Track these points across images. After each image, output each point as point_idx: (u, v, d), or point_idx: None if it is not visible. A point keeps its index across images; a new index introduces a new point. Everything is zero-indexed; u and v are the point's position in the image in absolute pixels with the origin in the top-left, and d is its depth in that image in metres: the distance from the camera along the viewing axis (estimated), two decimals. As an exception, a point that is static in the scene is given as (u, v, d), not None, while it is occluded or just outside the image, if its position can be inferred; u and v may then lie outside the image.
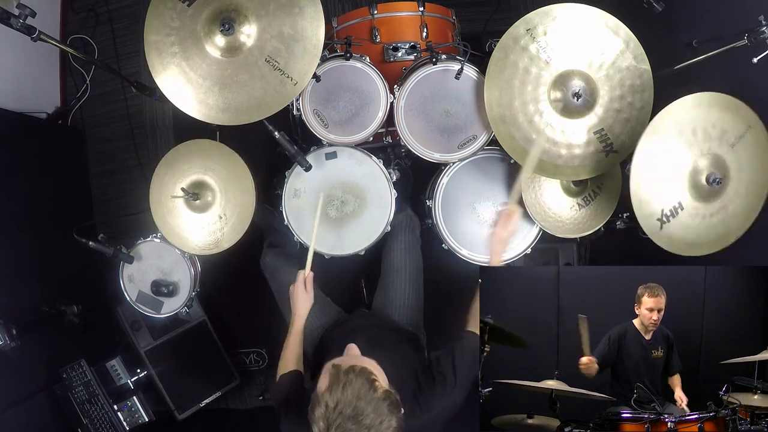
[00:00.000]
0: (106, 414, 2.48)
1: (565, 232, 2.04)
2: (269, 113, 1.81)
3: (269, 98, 1.80)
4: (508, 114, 1.82)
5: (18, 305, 2.43)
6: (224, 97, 1.81)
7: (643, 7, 1.83)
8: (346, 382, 1.17)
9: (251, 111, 1.80)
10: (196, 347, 2.81)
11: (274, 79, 1.78)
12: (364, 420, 1.14)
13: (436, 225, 2.12)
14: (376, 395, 1.17)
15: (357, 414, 1.14)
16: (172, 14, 1.79)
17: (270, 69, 1.78)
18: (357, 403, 1.15)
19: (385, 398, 1.18)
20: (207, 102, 1.82)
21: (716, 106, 1.66)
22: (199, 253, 2.07)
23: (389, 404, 1.18)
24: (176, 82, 1.82)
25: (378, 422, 1.15)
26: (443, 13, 2.29)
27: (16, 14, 1.67)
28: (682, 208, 1.71)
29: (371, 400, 1.16)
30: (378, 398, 1.17)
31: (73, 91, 3.23)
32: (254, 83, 1.79)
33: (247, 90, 1.80)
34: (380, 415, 1.15)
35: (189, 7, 1.78)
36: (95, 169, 3.26)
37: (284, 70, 1.78)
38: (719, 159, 1.70)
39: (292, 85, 1.78)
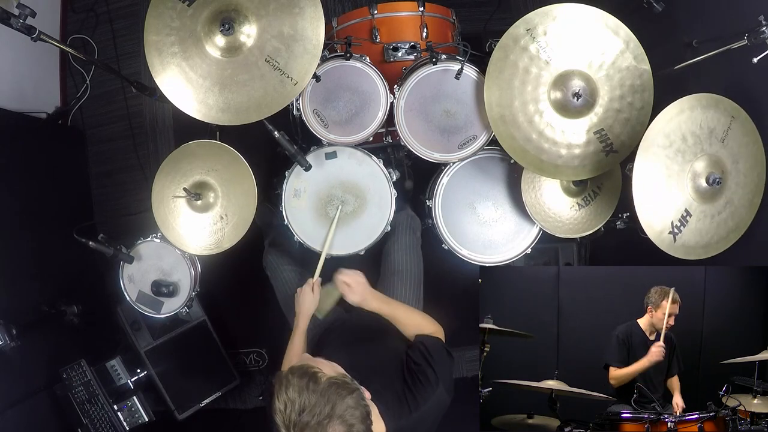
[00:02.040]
0: (106, 414, 2.48)
1: (565, 232, 2.04)
2: (269, 113, 1.81)
3: (269, 98, 1.80)
4: (508, 114, 1.82)
5: (18, 305, 2.43)
6: (224, 97, 1.81)
7: (643, 7, 1.83)
8: (286, 383, 1.18)
9: (251, 111, 1.80)
10: (196, 347, 2.81)
11: (274, 79, 1.78)
12: (314, 409, 1.14)
13: (436, 225, 2.12)
14: (319, 385, 1.17)
15: (304, 407, 1.14)
16: (172, 14, 1.79)
17: (270, 69, 1.78)
18: (300, 398, 1.15)
19: (329, 385, 1.18)
20: (207, 102, 1.82)
21: (697, 107, 1.67)
22: (199, 253, 2.07)
23: (336, 388, 1.18)
24: (176, 82, 1.82)
25: (329, 408, 1.15)
26: (443, 13, 2.29)
27: (16, 14, 1.67)
28: (691, 215, 1.71)
29: (314, 390, 1.16)
30: (323, 386, 1.17)
31: (73, 91, 3.22)
32: (254, 83, 1.79)
33: (247, 90, 1.80)
34: (329, 400, 1.15)
35: (189, 6, 1.78)
36: (95, 169, 3.25)
37: (284, 70, 1.78)
38: (714, 157, 1.70)
39: (292, 85, 1.79)
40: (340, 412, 1.16)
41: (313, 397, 1.15)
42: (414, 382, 1.46)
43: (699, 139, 1.68)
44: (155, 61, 1.80)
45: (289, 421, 1.14)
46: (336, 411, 1.15)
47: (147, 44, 1.80)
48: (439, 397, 1.46)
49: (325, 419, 1.14)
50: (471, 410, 1.62)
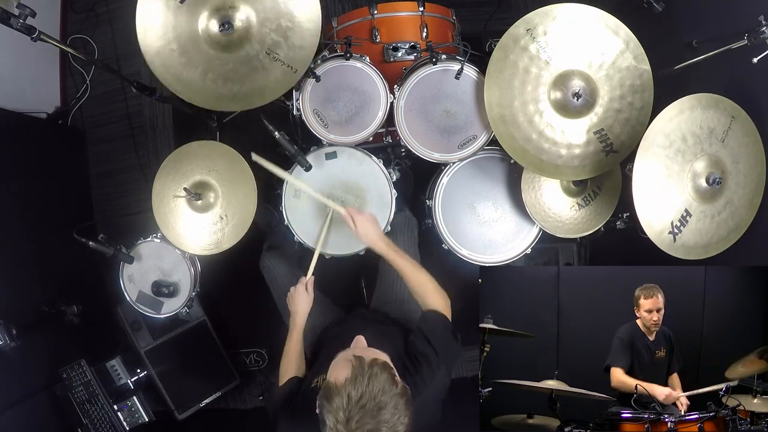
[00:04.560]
0: (106, 414, 2.48)
1: (565, 232, 2.04)
2: (277, 95, 1.81)
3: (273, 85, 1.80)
4: (508, 114, 1.82)
5: (18, 305, 2.43)
6: (228, 88, 1.81)
7: (643, 7, 1.83)
8: (371, 374, 1.15)
9: (254, 96, 1.81)
10: (196, 347, 2.81)
11: (277, 70, 1.79)
12: (384, 415, 1.12)
13: (436, 225, 2.12)
14: (396, 390, 1.16)
15: (380, 408, 1.12)
16: (167, 14, 1.79)
17: (270, 60, 1.78)
18: (381, 398, 1.13)
19: (402, 394, 1.17)
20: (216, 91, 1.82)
21: (697, 107, 1.67)
22: (199, 253, 2.07)
23: (405, 401, 1.17)
24: (179, 79, 1.82)
25: (396, 418, 1.13)
26: (443, 13, 2.29)
27: (16, 14, 1.67)
28: (691, 215, 1.71)
29: (393, 395, 1.14)
30: (398, 394, 1.15)
31: (73, 91, 3.22)
32: (256, 74, 1.80)
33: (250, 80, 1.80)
34: (398, 411, 1.14)
35: (182, 4, 1.78)
36: (95, 169, 3.25)
37: (285, 61, 1.78)
38: (714, 157, 1.70)
39: (292, 73, 1.79)
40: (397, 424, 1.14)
41: (392, 402, 1.13)
42: (415, 365, 1.45)
43: (699, 139, 1.68)
44: (157, 66, 1.81)
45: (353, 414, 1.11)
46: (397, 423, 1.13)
47: (144, 47, 1.80)
48: (441, 379, 1.45)
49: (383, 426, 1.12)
50: (471, 410, 1.62)
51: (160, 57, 1.80)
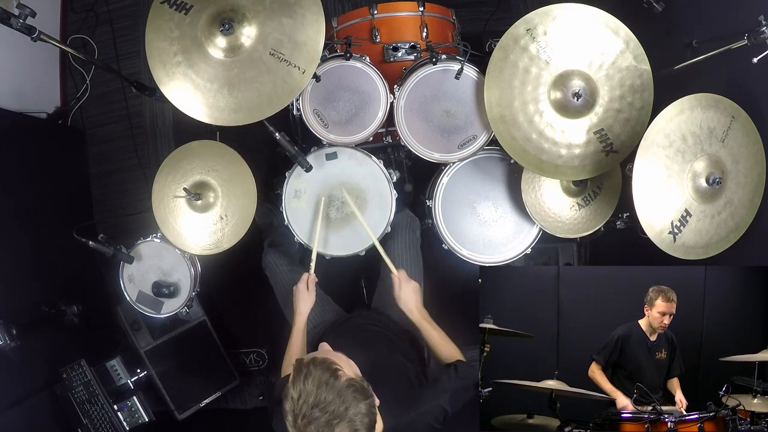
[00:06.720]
0: (106, 414, 2.48)
1: (565, 232, 2.04)
2: (281, 106, 1.80)
3: (279, 91, 1.79)
4: (508, 114, 1.82)
5: (18, 305, 2.43)
6: (234, 97, 1.80)
7: (643, 7, 1.83)
8: (306, 373, 1.18)
9: (263, 107, 1.80)
10: (196, 347, 2.81)
11: (282, 71, 1.78)
12: (328, 407, 1.14)
13: (436, 225, 2.12)
14: (338, 383, 1.17)
15: (318, 402, 1.14)
16: (171, 25, 1.79)
17: (276, 61, 1.78)
18: (317, 392, 1.15)
19: (348, 386, 1.18)
20: (218, 105, 1.81)
21: (697, 107, 1.67)
22: (199, 253, 2.07)
23: (354, 391, 1.18)
24: (184, 90, 1.81)
25: (343, 409, 1.15)
26: (443, 13, 2.29)
27: (16, 14, 1.67)
28: (690, 215, 1.71)
29: (332, 387, 1.16)
30: (341, 386, 1.17)
31: (73, 91, 3.23)
32: (262, 78, 1.79)
33: (257, 86, 1.79)
34: (345, 401, 1.16)
35: (186, 15, 1.78)
36: (95, 169, 3.26)
37: (290, 60, 1.77)
38: (714, 157, 1.70)
39: (300, 74, 1.78)
40: (351, 416, 1.16)
41: (330, 394, 1.16)
42: (422, 382, 1.47)
43: (699, 139, 1.68)
44: (161, 74, 1.80)
45: (299, 412, 1.15)
46: (348, 414, 1.15)
47: (150, 57, 1.80)
48: (440, 403, 1.48)
49: (335, 419, 1.14)
50: (471, 410, 1.62)
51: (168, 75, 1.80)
